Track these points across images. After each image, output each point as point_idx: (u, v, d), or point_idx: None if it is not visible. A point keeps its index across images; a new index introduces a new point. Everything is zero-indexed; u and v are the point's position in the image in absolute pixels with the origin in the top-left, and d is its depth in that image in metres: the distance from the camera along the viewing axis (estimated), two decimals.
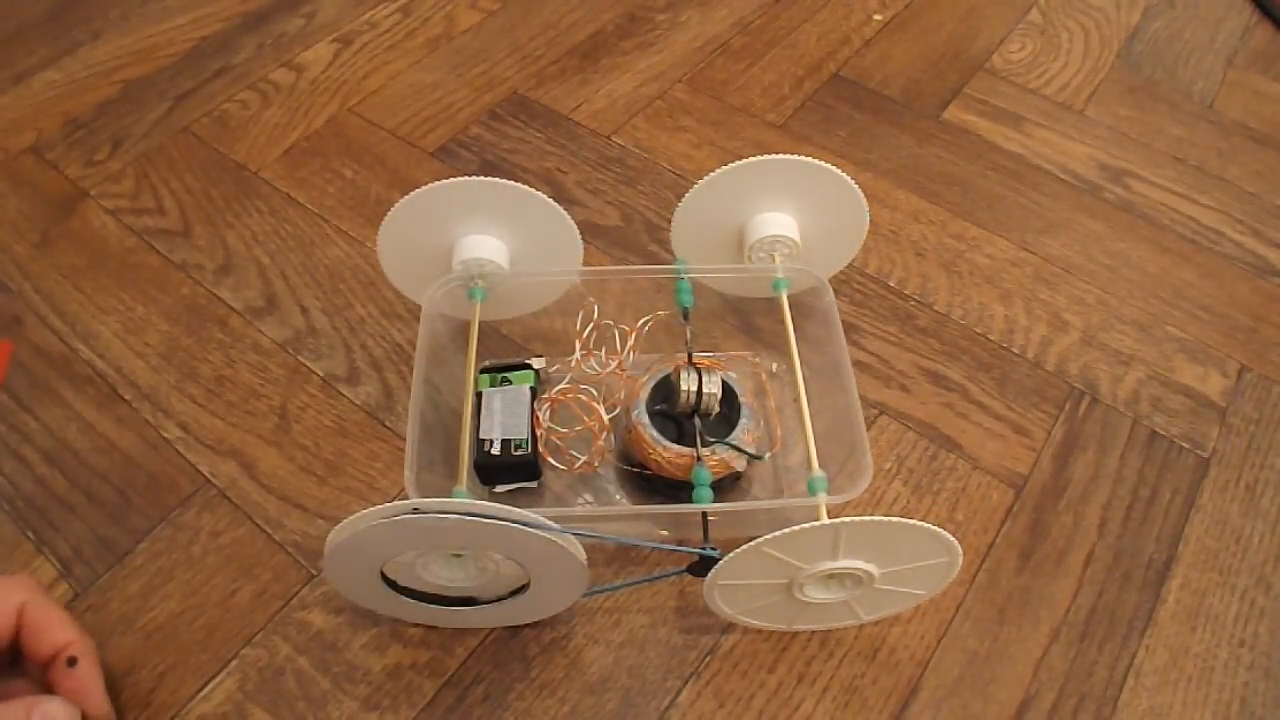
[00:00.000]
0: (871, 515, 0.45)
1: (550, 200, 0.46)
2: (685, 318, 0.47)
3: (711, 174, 0.47)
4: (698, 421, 0.45)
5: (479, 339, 0.45)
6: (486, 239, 0.47)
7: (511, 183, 0.45)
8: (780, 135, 0.68)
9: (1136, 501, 0.50)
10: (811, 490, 0.40)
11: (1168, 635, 0.45)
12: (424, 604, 0.41)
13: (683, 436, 0.46)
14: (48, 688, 0.38)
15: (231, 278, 0.58)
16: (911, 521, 0.36)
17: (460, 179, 0.45)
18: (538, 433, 0.46)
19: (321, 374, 0.53)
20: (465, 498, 0.37)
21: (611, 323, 0.48)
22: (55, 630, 0.38)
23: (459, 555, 0.38)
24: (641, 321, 0.48)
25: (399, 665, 0.43)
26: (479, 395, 0.46)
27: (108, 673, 0.41)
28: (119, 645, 0.43)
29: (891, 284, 0.59)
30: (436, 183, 0.45)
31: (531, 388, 0.47)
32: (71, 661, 0.38)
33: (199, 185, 0.64)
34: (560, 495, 0.48)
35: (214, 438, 0.50)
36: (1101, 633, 0.45)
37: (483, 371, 0.48)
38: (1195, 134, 0.69)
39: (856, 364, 0.54)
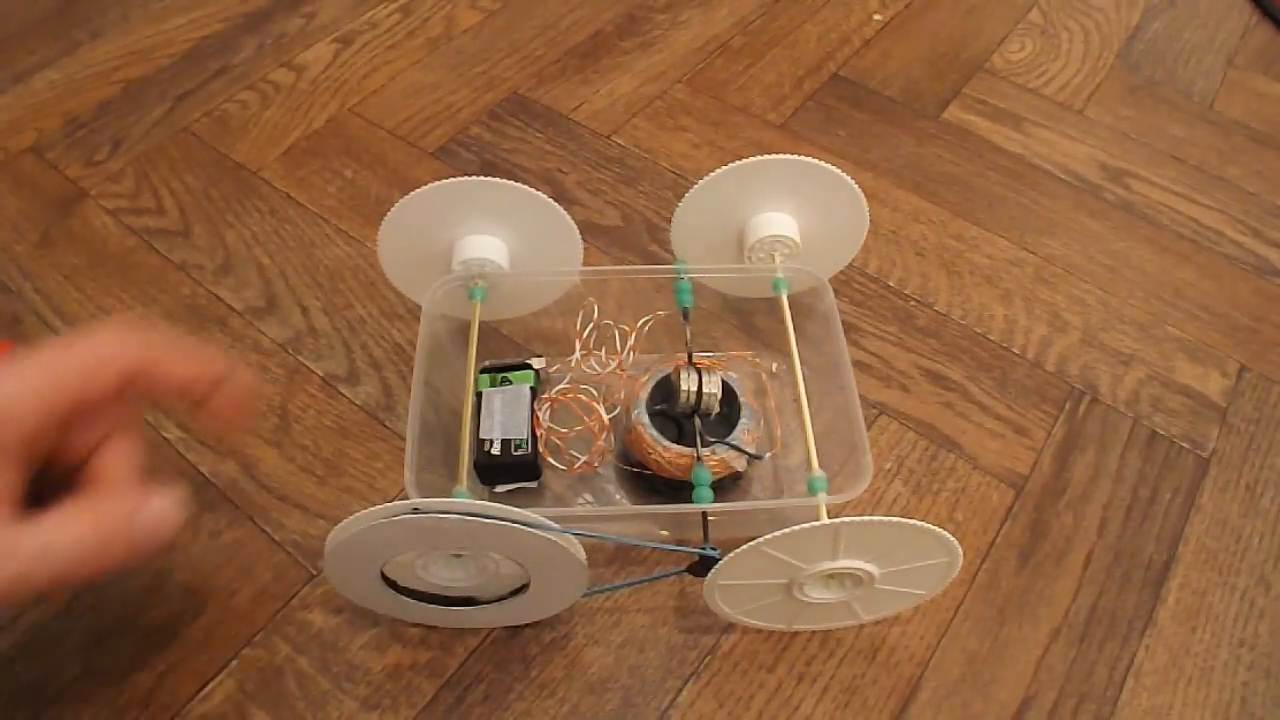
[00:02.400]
0: (871, 515, 0.45)
1: (550, 200, 0.46)
2: (685, 318, 0.47)
3: (711, 174, 0.47)
4: (698, 421, 0.45)
5: (479, 339, 0.45)
6: (486, 239, 0.47)
7: (511, 183, 0.45)
8: (780, 135, 0.68)
9: (1136, 501, 0.50)
10: (811, 490, 0.40)
11: (1168, 635, 0.45)
12: (424, 604, 0.41)
13: (683, 436, 0.46)
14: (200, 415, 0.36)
15: (231, 278, 0.58)
16: (911, 521, 0.36)
17: (460, 179, 0.45)
18: (538, 433, 0.46)
19: (321, 374, 0.53)
20: (465, 498, 0.37)
21: (611, 323, 0.48)
22: (180, 363, 0.34)
23: (459, 555, 0.38)
24: (641, 321, 0.48)
25: (399, 665, 0.43)
26: (479, 395, 0.46)
27: (108, 672, 0.41)
28: (119, 645, 0.43)
29: (891, 284, 0.59)
30: (436, 183, 0.45)
31: (531, 388, 0.47)
32: (211, 389, 0.35)
33: (199, 185, 0.64)
34: (560, 495, 0.48)
35: (214, 438, 0.50)
36: (1101, 633, 0.45)
37: (483, 371, 0.48)
38: (1195, 134, 0.69)
39: (856, 364, 0.54)
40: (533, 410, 0.46)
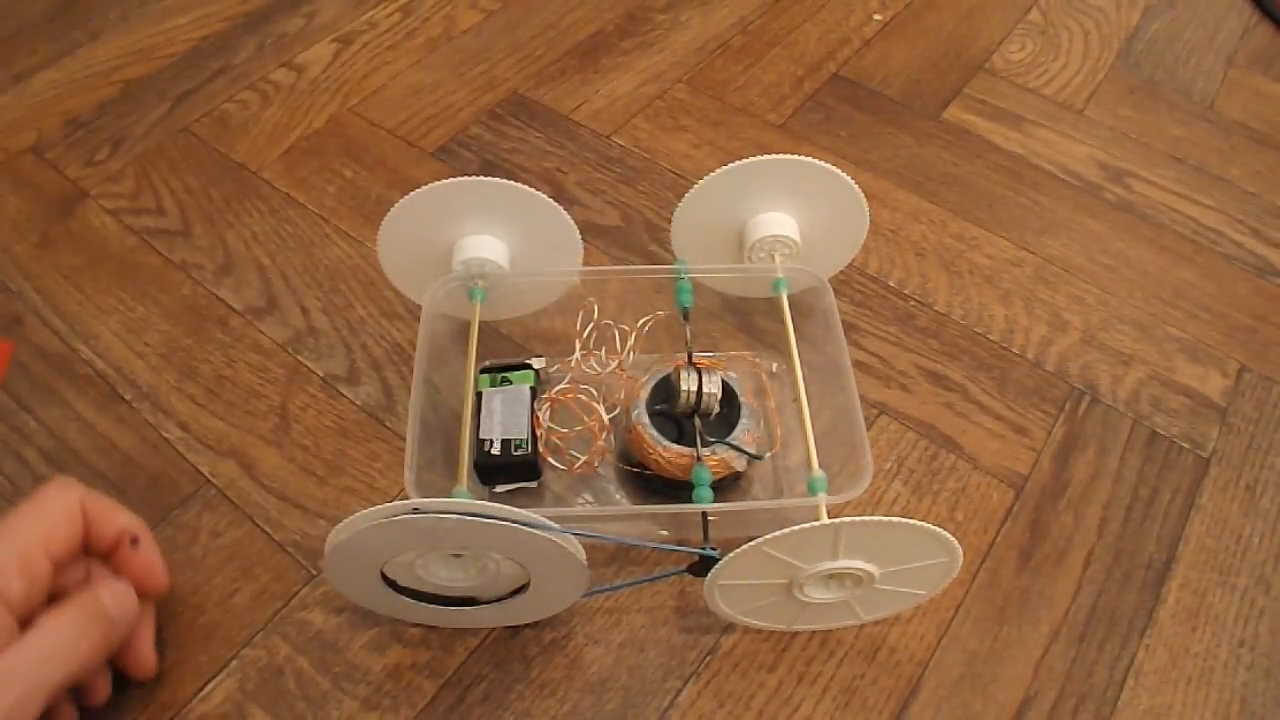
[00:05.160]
0: (871, 515, 0.45)
1: (550, 200, 0.46)
2: (685, 318, 0.47)
3: (711, 174, 0.47)
4: (698, 421, 0.45)
5: (479, 339, 0.45)
6: (486, 239, 0.47)
7: (512, 182, 0.45)
8: (780, 135, 0.68)
9: (1136, 501, 0.50)
10: (811, 490, 0.40)
11: (1168, 635, 0.45)
12: (424, 604, 0.41)
13: (683, 436, 0.46)
14: (116, 571, 0.40)
15: (231, 278, 0.58)
16: (911, 521, 0.36)
17: (460, 179, 0.45)
18: (538, 433, 0.46)
19: (321, 374, 0.53)
20: (465, 498, 0.37)
21: (611, 323, 0.48)
22: (114, 516, 0.40)
23: (459, 555, 0.38)
24: (641, 321, 0.48)
25: (399, 665, 0.43)
26: (479, 395, 0.46)
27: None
28: None
29: (891, 284, 0.59)
30: (436, 183, 0.45)
31: (531, 388, 0.47)
32: (134, 541, 0.40)
33: (199, 185, 0.64)
34: (560, 495, 0.48)
35: (214, 438, 0.50)
36: (1101, 633, 0.45)
37: (483, 371, 0.48)
38: (1195, 134, 0.69)
39: (856, 364, 0.54)
40: (533, 410, 0.46)
